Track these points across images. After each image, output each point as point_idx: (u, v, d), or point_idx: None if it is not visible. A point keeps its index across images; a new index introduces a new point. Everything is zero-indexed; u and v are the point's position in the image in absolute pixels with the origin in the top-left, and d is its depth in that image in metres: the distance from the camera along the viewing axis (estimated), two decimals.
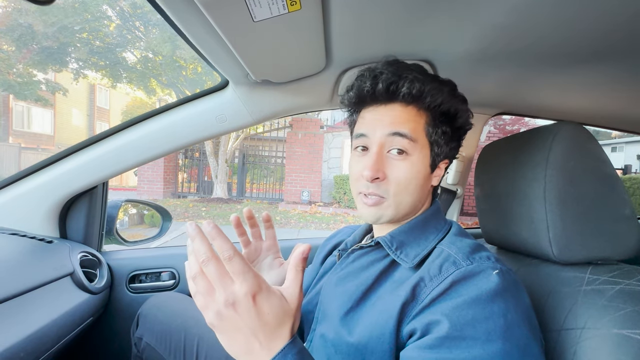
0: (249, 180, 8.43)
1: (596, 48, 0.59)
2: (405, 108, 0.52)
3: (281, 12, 0.48)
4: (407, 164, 0.51)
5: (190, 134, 0.88)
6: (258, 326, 0.37)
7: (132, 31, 8.50)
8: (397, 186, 0.52)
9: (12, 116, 13.68)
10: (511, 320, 0.40)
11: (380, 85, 0.51)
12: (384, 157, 0.52)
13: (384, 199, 0.52)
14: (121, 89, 10.12)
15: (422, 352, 0.41)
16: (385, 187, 0.52)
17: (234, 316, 0.36)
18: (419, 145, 0.52)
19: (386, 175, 0.52)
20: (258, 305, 0.37)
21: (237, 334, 0.37)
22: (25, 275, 0.68)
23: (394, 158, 0.52)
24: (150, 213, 1.25)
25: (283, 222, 6.14)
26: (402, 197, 0.52)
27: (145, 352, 0.77)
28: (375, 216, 0.54)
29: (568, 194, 0.52)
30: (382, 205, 0.53)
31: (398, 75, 0.51)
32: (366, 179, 0.51)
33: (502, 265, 0.45)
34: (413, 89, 0.50)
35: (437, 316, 0.41)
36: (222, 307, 0.36)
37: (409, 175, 0.51)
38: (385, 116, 0.52)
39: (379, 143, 0.52)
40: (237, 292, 0.36)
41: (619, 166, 8.46)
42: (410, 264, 0.50)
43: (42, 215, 0.90)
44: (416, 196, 0.53)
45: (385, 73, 0.52)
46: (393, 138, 0.51)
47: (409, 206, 0.54)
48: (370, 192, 0.52)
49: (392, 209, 0.53)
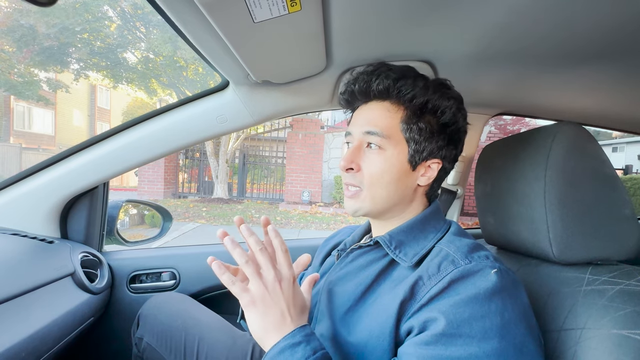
0: (249, 181, 8.44)
1: (596, 48, 0.59)
2: (381, 105, 0.55)
3: (281, 13, 0.48)
4: (381, 157, 0.53)
5: (191, 135, 0.88)
6: (292, 304, 0.47)
7: (133, 32, 8.51)
8: (370, 177, 0.54)
9: (13, 116, 13.71)
10: (508, 319, 0.40)
11: (356, 85, 0.56)
12: (361, 151, 0.55)
13: (360, 190, 0.55)
14: (122, 90, 10.11)
15: (418, 348, 0.41)
16: (359, 178, 0.55)
17: (278, 292, 0.46)
18: (394, 141, 0.53)
19: (360, 167, 0.55)
20: (295, 290, 0.48)
21: (274, 307, 0.45)
22: (26, 276, 0.68)
23: (369, 152, 0.55)
24: (150, 213, 1.25)
25: (284, 223, 6.14)
26: (375, 189, 0.54)
27: (146, 352, 0.77)
28: (353, 208, 0.56)
29: (568, 194, 0.52)
30: (359, 197, 0.55)
31: (373, 74, 0.54)
32: (341, 168, 0.56)
33: (500, 264, 0.45)
34: (380, 84, 0.53)
35: (435, 314, 0.42)
36: (271, 282, 0.46)
37: (380, 167, 0.53)
38: (362, 115, 0.56)
39: (359, 139, 0.55)
40: (285, 273, 0.47)
41: (619, 166, 8.46)
42: (409, 263, 0.50)
43: (43, 215, 0.90)
44: (392, 190, 0.54)
45: (364, 74, 0.55)
46: (367, 136, 0.54)
47: (386, 200, 0.54)
48: (347, 182, 0.56)
49: (368, 202, 0.55)
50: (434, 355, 0.40)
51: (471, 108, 0.98)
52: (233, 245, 0.46)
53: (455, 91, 0.56)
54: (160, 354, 0.75)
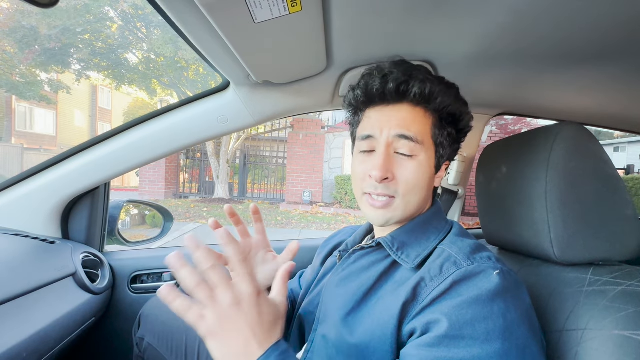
0: (250, 181, 8.44)
1: (597, 48, 0.59)
2: (413, 109, 0.52)
3: (282, 13, 0.48)
4: (415, 164, 0.51)
5: (192, 135, 0.88)
6: (258, 324, 0.40)
7: (134, 32, 8.53)
8: (406, 186, 0.51)
9: (15, 117, 13.75)
10: (511, 321, 0.40)
11: (390, 84, 0.51)
12: (391, 157, 0.52)
13: (393, 199, 0.52)
14: (123, 90, 10.15)
15: (421, 350, 0.41)
16: (394, 187, 0.52)
17: (237, 315, 0.39)
18: (425, 147, 0.52)
19: (395, 176, 0.51)
20: (260, 305, 0.41)
21: (236, 334, 0.39)
22: (28, 276, 0.69)
23: (402, 158, 0.52)
24: (151, 214, 1.25)
25: (284, 223, 6.14)
26: (410, 197, 0.52)
27: (147, 352, 0.77)
28: (385, 218, 0.53)
29: (569, 194, 0.52)
30: (392, 206, 0.52)
31: (409, 75, 0.51)
32: (375, 179, 0.51)
33: (502, 265, 0.45)
34: (425, 89, 0.50)
35: (437, 315, 0.41)
36: (228, 307, 0.39)
37: (416, 175, 0.51)
38: (393, 117, 0.52)
39: (386, 143, 0.52)
40: (245, 291, 0.40)
41: (621, 166, 8.43)
42: (412, 265, 0.50)
43: (45, 216, 0.90)
44: (422, 197, 0.54)
45: (395, 72, 0.51)
46: (399, 140, 0.51)
47: (416, 207, 0.54)
48: (380, 193, 0.52)
49: (401, 210, 0.53)
50: (437, 357, 0.39)
51: (472, 108, 0.96)
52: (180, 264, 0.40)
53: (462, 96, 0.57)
54: (161, 354, 0.75)
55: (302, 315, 0.64)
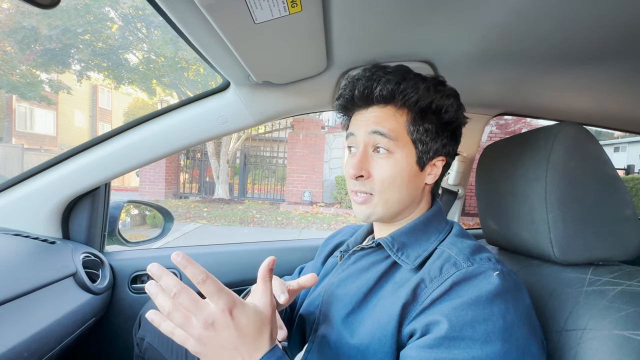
0: (250, 181, 8.44)
1: (597, 48, 0.59)
2: (383, 109, 0.54)
3: (282, 14, 0.48)
4: (390, 162, 0.52)
5: (192, 135, 0.88)
6: (239, 339, 0.39)
7: (134, 33, 8.54)
8: (382, 183, 0.53)
9: (15, 117, 13.75)
10: (510, 322, 0.40)
11: (356, 91, 0.54)
12: (368, 156, 0.54)
13: (372, 196, 0.54)
14: (123, 90, 10.16)
15: (421, 351, 0.41)
16: (370, 184, 0.53)
17: (215, 336, 0.39)
18: (401, 144, 0.52)
19: (370, 174, 0.53)
20: (236, 319, 0.40)
21: (221, 353, 0.39)
22: (28, 276, 0.69)
23: (378, 156, 0.53)
24: (152, 214, 1.25)
25: (285, 223, 6.14)
26: (388, 194, 0.53)
27: (147, 352, 0.77)
28: (365, 214, 0.55)
29: (569, 194, 0.52)
30: (371, 202, 0.54)
31: (372, 78, 0.53)
32: (350, 176, 0.54)
33: (502, 266, 0.45)
34: (384, 90, 0.52)
35: (437, 317, 0.41)
36: (202, 330, 0.38)
37: (391, 172, 0.52)
38: (369, 117, 0.54)
39: (364, 142, 0.54)
40: (214, 311, 0.39)
41: (621, 166, 8.42)
42: (412, 266, 0.50)
43: (45, 216, 0.90)
44: (404, 194, 0.54)
45: (362, 79, 0.54)
46: (374, 136, 0.53)
47: (398, 203, 0.54)
48: (357, 190, 0.54)
49: (381, 207, 0.54)
50: (437, 358, 0.39)
51: (472, 108, 0.98)
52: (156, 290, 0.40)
53: (450, 87, 0.55)
54: (161, 354, 0.75)
55: (303, 315, 0.64)
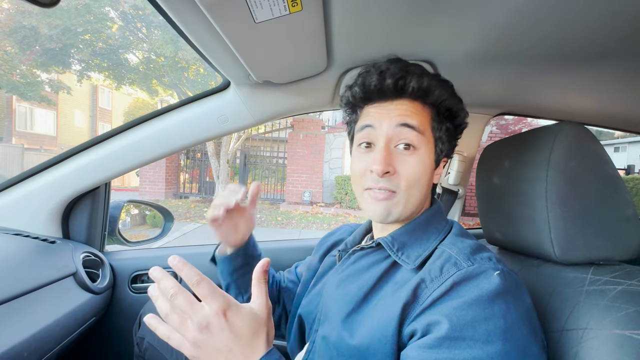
0: (250, 181, 8.44)
1: (597, 48, 0.59)
2: (412, 103, 0.52)
3: (282, 13, 0.48)
4: (417, 158, 0.51)
5: (192, 135, 0.88)
6: (233, 342, 0.40)
7: (134, 33, 8.53)
8: (408, 181, 0.51)
9: (15, 117, 13.76)
10: (511, 322, 0.40)
11: (388, 80, 0.51)
12: (391, 152, 0.51)
13: (394, 193, 0.51)
14: (123, 90, 10.15)
15: (421, 351, 0.41)
16: (396, 181, 0.51)
17: (209, 339, 0.39)
18: (426, 139, 0.52)
19: (396, 170, 0.51)
20: (230, 321, 0.40)
21: (216, 356, 0.40)
22: (28, 275, 0.69)
23: (402, 153, 0.51)
24: (152, 213, 1.26)
25: (285, 223, 6.14)
26: (412, 192, 0.51)
27: (148, 352, 0.77)
28: (385, 212, 0.52)
29: (570, 194, 0.52)
30: (393, 200, 0.51)
31: (406, 70, 0.51)
32: (377, 173, 0.50)
33: (503, 266, 0.45)
34: (422, 83, 0.51)
35: (438, 317, 0.41)
36: (197, 333, 0.39)
37: (418, 170, 0.51)
38: (393, 110, 0.52)
39: (386, 136, 0.51)
40: (208, 313, 0.39)
41: (621, 166, 8.42)
42: (412, 266, 0.50)
43: (45, 215, 0.90)
44: (424, 192, 0.54)
45: (392, 69, 0.51)
46: (401, 130, 0.50)
47: (417, 203, 0.54)
48: (381, 187, 0.51)
49: (402, 206, 0.52)
50: (438, 358, 0.39)
51: (472, 108, 0.98)
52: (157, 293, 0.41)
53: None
54: (161, 354, 0.75)
55: (302, 314, 0.64)
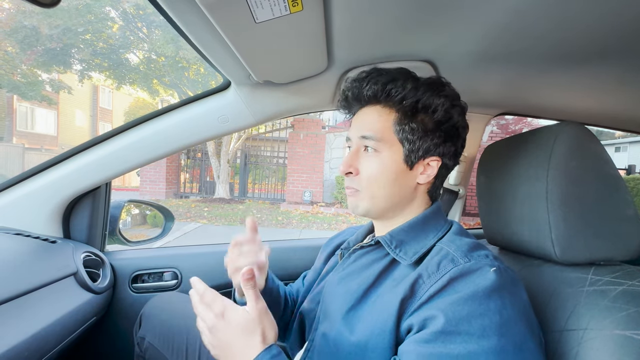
0: (250, 181, 8.44)
1: (598, 48, 0.59)
2: (373, 108, 0.56)
3: (283, 13, 0.48)
4: (376, 159, 0.55)
5: (193, 135, 0.88)
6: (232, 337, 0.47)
7: (135, 32, 8.54)
8: (367, 179, 0.55)
9: (16, 117, 13.77)
10: (507, 317, 0.40)
11: (350, 92, 0.58)
12: (358, 155, 0.57)
13: (358, 192, 0.57)
14: (124, 90, 10.16)
15: (418, 345, 0.41)
16: (357, 181, 0.57)
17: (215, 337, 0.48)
18: (388, 143, 0.54)
19: (358, 171, 0.57)
20: (227, 320, 0.48)
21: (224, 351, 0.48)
22: (29, 275, 0.69)
23: (366, 155, 0.56)
24: (152, 213, 1.25)
25: (285, 223, 6.14)
26: (373, 190, 0.55)
27: (148, 352, 0.77)
28: (352, 205, 0.59)
29: (570, 194, 0.52)
30: (358, 197, 0.57)
31: (364, 80, 0.56)
32: (340, 172, 0.58)
33: (500, 263, 0.45)
34: (370, 90, 0.55)
35: (434, 311, 0.42)
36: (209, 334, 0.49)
37: (376, 169, 0.55)
38: (358, 120, 0.58)
39: (356, 144, 0.58)
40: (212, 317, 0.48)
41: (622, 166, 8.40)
42: (409, 261, 0.51)
43: (46, 215, 0.90)
44: (390, 190, 0.55)
45: (357, 80, 0.57)
46: (363, 140, 0.56)
47: (385, 199, 0.56)
48: (347, 185, 0.59)
49: (367, 201, 0.56)
50: (434, 352, 0.40)
51: (473, 108, 0.98)
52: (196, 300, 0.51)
53: (450, 88, 0.55)
54: (162, 354, 0.75)
55: (303, 313, 0.64)
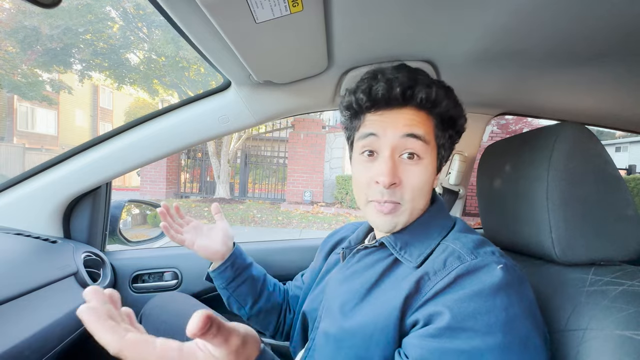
0: (251, 181, 8.44)
1: (599, 48, 0.59)
2: (417, 112, 0.52)
3: (283, 13, 0.48)
4: (421, 168, 0.51)
5: (193, 135, 0.88)
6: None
7: (135, 33, 8.54)
8: (412, 192, 0.51)
9: (17, 117, 13.78)
10: (513, 314, 0.40)
11: (397, 89, 0.50)
12: (397, 162, 0.51)
13: (399, 205, 0.51)
14: (124, 90, 10.16)
15: (423, 340, 0.42)
16: (400, 193, 0.51)
17: None
18: (430, 148, 0.52)
19: (401, 181, 0.50)
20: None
21: None
22: (30, 275, 0.69)
23: (407, 163, 0.51)
24: (152, 213, 1.26)
25: (285, 222, 6.14)
26: (416, 202, 0.52)
27: None
28: (391, 225, 0.53)
29: (571, 194, 0.52)
30: (398, 212, 0.52)
31: (414, 80, 0.51)
32: (383, 185, 0.49)
33: (506, 260, 0.45)
34: (431, 94, 0.50)
35: (440, 308, 0.42)
36: None
37: (423, 179, 0.51)
38: (399, 119, 0.51)
39: (391, 146, 0.50)
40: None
41: (623, 166, 8.39)
42: (415, 264, 0.50)
43: (47, 215, 0.90)
44: (426, 199, 0.55)
45: (400, 77, 0.51)
46: (407, 140, 0.50)
47: (421, 210, 0.55)
48: (386, 200, 0.51)
49: (406, 215, 0.52)
50: (439, 347, 0.40)
51: (473, 108, 0.98)
52: None
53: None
54: None
55: (305, 312, 0.64)
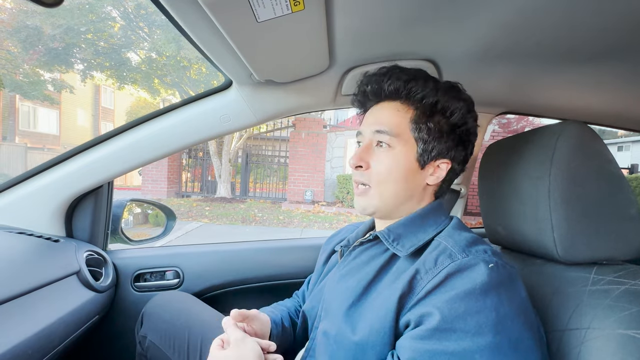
0: (252, 180, 8.45)
1: (601, 46, 0.59)
2: (391, 104, 0.56)
3: (285, 12, 0.48)
4: (389, 155, 0.55)
5: (194, 134, 0.88)
6: None
7: (136, 32, 8.55)
8: (378, 175, 0.55)
9: (19, 116, 13.82)
10: (503, 314, 0.40)
11: (369, 87, 0.58)
12: (371, 150, 0.57)
13: (369, 188, 0.56)
14: (126, 90, 10.18)
15: (413, 341, 0.42)
16: (367, 175, 0.56)
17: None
18: (402, 140, 0.54)
19: (369, 165, 0.56)
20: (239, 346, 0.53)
21: None
22: (32, 274, 0.69)
23: (379, 150, 0.56)
24: (154, 212, 1.26)
25: (286, 222, 6.15)
26: (384, 186, 0.55)
27: (150, 350, 0.78)
28: (362, 205, 0.58)
29: (573, 193, 0.52)
30: (368, 194, 0.56)
31: (385, 75, 0.56)
32: (351, 165, 0.57)
33: (498, 258, 0.45)
34: (392, 85, 0.55)
35: (430, 308, 0.42)
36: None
37: (388, 165, 0.54)
38: (372, 115, 0.58)
39: (369, 139, 0.57)
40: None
41: (625, 165, 8.36)
42: (405, 253, 0.51)
43: (49, 214, 0.91)
44: (400, 187, 0.55)
45: (377, 75, 0.57)
46: (377, 134, 0.56)
47: (394, 197, 0.55)
48: (357, 180, 0.58)
49: (377, 199, 0.56)
50: (429, 349, 0.40)
51: (475, 107, 0.97)
52: None
53: (466, 94, 0.57)
54: (163, 352, 0.75)
55: (306, 311, 0.64)
